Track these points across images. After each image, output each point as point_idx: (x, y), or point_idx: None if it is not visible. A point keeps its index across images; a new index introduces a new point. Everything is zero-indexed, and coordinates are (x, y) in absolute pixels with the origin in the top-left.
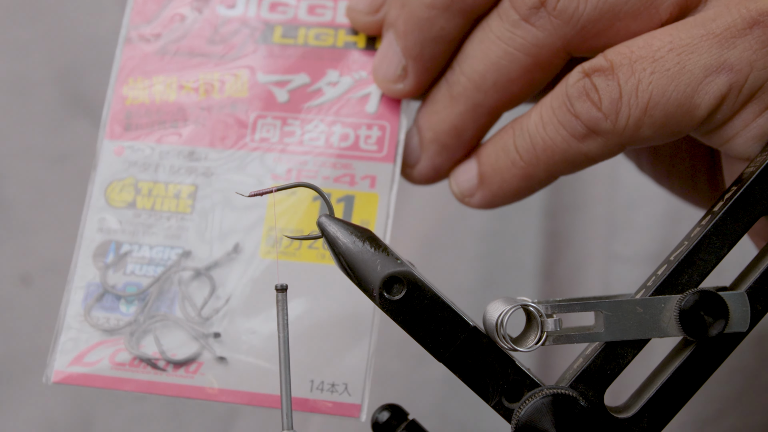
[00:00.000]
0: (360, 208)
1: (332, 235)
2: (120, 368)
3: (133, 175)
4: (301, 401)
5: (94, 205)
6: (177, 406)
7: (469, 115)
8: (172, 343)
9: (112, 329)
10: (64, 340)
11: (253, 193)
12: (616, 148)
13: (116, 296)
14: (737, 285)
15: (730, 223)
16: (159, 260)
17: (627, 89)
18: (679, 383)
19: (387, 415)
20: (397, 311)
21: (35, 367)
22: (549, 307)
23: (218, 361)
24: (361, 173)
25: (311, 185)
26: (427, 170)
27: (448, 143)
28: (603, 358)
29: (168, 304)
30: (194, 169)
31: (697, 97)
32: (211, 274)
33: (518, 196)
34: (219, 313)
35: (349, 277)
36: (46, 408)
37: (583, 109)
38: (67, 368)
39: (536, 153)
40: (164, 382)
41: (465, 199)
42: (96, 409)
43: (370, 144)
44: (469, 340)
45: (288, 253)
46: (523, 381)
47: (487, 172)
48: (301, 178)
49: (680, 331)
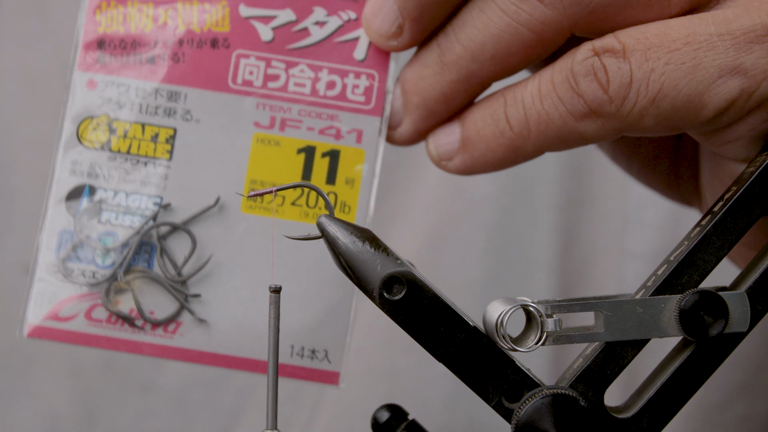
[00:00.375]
0: (345, 164)
1: (332, 235)
2: (96, 325)
3: (107, 113)
4: (280, 366)
5: (65, 144)
6: (182, 401)
7: (461, 85)
8: (151, 301)
9: (87, 283)
10: (37, 292)
11: (253, 193)
12: (612, 132)
13: (91, 247)
14: (737, 285)
15: (730, 223)
16: (136, 209)
17: (639, 75)
18: (679, 383)
19: (387, 415)
20: (397, 311)
21: (40, 359)
22: (549, 307)
23: (198, 323)
24: (347, 126)
25: (311, 185)
26: (409, 134)
27: (435, 109)
28: (603, 358)
29: (146, 258)
30: (173, 111)
31: (707, 96)
32: (190, 229)
33: (500, 166)
34: (200, 273)
35: (349, 277)
36: (51, 401)
37: (589, 89)
38: (42, 322)
39: (528, 126)
40: (142, 342)
41: (441, 163)
42: (101, 402)
43: (357, 94)
44: (469, 340)
45: (270, 209)
46: (523, 381)
47: (471, 137)
48: (286, 129)
49: (680, 331)
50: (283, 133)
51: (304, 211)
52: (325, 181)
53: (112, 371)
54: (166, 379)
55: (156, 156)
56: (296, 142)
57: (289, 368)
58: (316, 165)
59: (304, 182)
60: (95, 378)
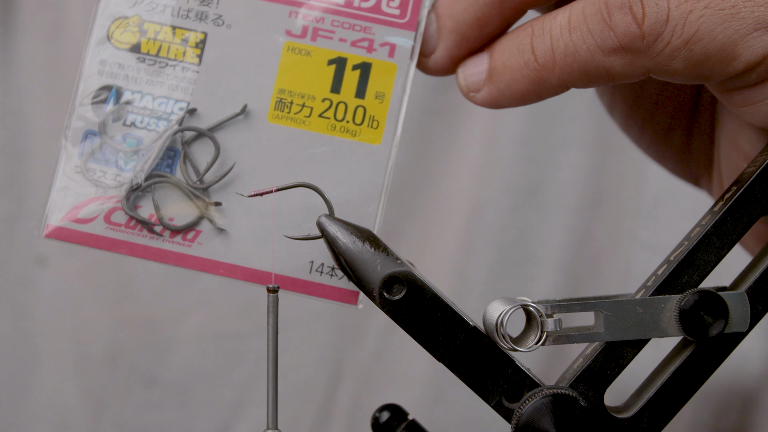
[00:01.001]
0: (376, 78)
1: (332, 235)
2: (115, 228)
3: (138, 14)
4: (299, 282)
5: (95, 42)
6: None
7: (495, 8)
8: (171, 207)
9: (108, 185)
10: (57, 191)
11: (254, 193)
12: (639, 71)
13: (114, 149)
14: (737, 285)
15: (730, 223)
16: (162, 113)
17: (676, 14)
18: (679, 383)
19: (387, 415)
20: (397, 311)
21: (49, 351)
22: (549, 307)
23: (218, 232)
24: (380, 39)
25: (312, 186)
26: (443, 60)
27: (468, 34)
28: (603, 358)
29: (168, 163)
30: (205, 15)
31: (741, 47)
32: (215, 136)
33: (525, 99)
34: (222, 180)
35: (349, 277)
36: (59, 393)
37: (622, 22)
38: (60, 222)
39: (554, 58)
40: (160, 248)
41: (470, 94)
42: (107, 395)
43: (392, 7)
44: (469, 340)
45: (297, 120)
46: (523, 381)
47: (497, 68)
48: (317, 39)
49: (680, 331)
50: (315, 43)
51: (332, 123)
52: (354, 94)
53: (117, 365)
54: (169, 372)
55: (185, 60)
56: (327, 52)
57: (308, 285)
58: (347, 77)
59: (305, 182)
60: (101, 371)
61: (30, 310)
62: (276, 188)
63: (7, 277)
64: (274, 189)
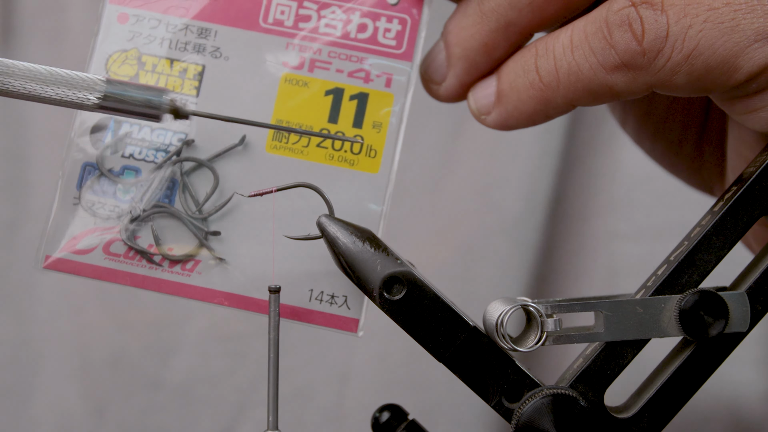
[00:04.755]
0: (373, 107)
1: (332, 235)
2: (114, 259)
3: (137, 47)
4: (298, 311)
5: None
6: (187, 397)
7: (500, 34)
8: (170, 237)
9: (107, 216)
10: (56, 222)
11: (254, 193)
12: (642, 87)
13: (113, 181)
14: (737, 285)
15: (730, 223)
16: (160, 144)
17: (675, 30)
18: (679, 383)
19: (387, 415)
20: (397, 311)
21: (51, 354)
22: (549, 307)
23: (217, 261)
24: (377, 70)
25: (312, 186)
26: (454, 88)
27: (477, 61)
28: (603, 358)
29: (167, 194)
30: (203, 47)
31: (742, 59)
32: (214, 166)
33: (533, 119)
34: (221, 210)
35: (349, 277)
36: (61, 396)
37: (622, 40)
38: (59, 254)
39: (558, 77)
40: (159, 278)
41: (481, 117)
42: (109, 398)
43: (388, 38)
44: (469, 340)
45: (295, 150)
46: (523, 381)
47: (504, 90)
48: (315, 70)
49: (680, 331)
50: (312, 74)
51: (330, 153)
52: (351, 124)
53: (119, 368)
54: (171, 375)
55: (183, 92)
56: (325, 83)
57: (307, 313)
58: (344, 107)
59: (305, 182)
60: (103, 374)
61: (32, 313)
62: (276, 188)
63: (8, 281)
64: (274, 189)
